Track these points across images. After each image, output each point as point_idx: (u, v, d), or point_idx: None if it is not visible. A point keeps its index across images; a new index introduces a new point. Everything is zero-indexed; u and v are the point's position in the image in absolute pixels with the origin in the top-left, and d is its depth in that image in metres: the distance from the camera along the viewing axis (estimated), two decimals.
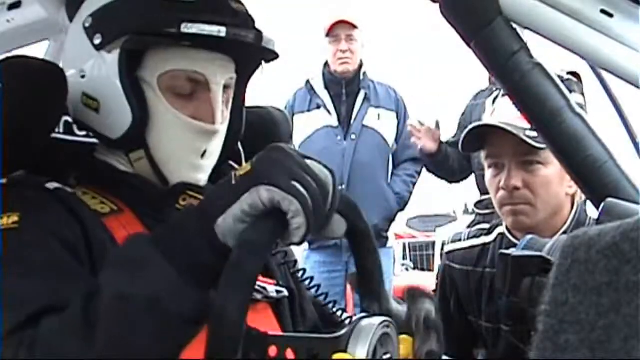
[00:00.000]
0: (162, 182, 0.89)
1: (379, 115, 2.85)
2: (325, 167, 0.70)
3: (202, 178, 0.91)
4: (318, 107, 2.86)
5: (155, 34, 0.83)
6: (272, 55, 0.92)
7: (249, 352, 0.69)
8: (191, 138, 0.87)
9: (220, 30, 0.81)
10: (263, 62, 0.95)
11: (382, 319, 0.72)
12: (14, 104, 0.86)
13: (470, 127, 1.41)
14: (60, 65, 0.95)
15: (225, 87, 0.90)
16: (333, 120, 2.83)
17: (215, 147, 0.90)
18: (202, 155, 0.88)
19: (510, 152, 1.35)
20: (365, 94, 2.86)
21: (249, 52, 0.90)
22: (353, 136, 2.81)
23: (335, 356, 0.66)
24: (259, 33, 0.86)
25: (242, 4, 0.89)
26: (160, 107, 0.86)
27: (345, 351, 0.68)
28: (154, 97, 0.86)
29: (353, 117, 2.84)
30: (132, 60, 0.84)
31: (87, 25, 0.88)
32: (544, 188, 1.34)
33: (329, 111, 2.84)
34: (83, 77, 0.88)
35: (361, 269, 0.82)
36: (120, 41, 0.83)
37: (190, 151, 0.88)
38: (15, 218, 0.75)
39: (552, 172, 1.33)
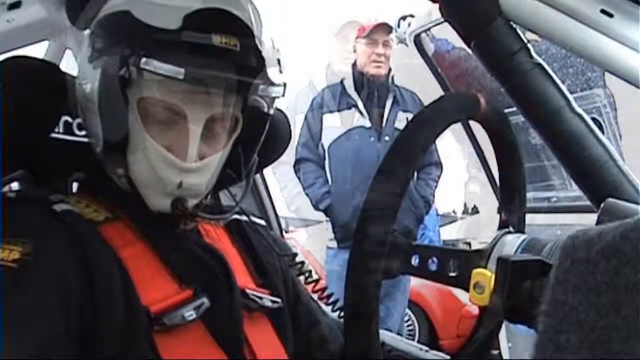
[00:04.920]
0: (141, 203, 0.85)
1: (407, 119, 2.87)
2: None
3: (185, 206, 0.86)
4: (349, 107, 2.88)
5: (122, 62, 0.79)
6: (264, 97, 0.87)
7: (393, 259, 0.72)
8: (164, 170, 0.82)
9: (178, 72, 0.76)
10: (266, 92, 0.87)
11: (523, 236, 0.74)
12: (13, 104, 0.86)
13: None
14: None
15: (215, 119, 0.84)
16: (365, 121, 2.85)
17: (195, 181, 0.84)
18: (179, 187, 0.83)
19: None
20: (394, 97, 2.89)
21: (237, 90, 0.84)
22: (387, 138, 2.82)
23: (475, 271, 0.68)
24: (234, 75, 0.80)
25: (235, 38, 0.80)
26: (137, 130, 0.82)
27: (485, 267, 0.70)
28: (133, 119, 0.82)
29: (384, 119, 2.86)
30: (119, 79, 0.80)
31: (89, 33, 0.86)
32: None
33: (361, 112, 2.86)
34: (80, 84, 0.86)
35: (505, 180, 0.86)
36: (101, 60, 0.81)
37: (164, 182, 0.83)
38: (16, 255, 0.72)
39: None
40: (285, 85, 0.87)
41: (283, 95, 0.88)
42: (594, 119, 1.65)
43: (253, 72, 0.83)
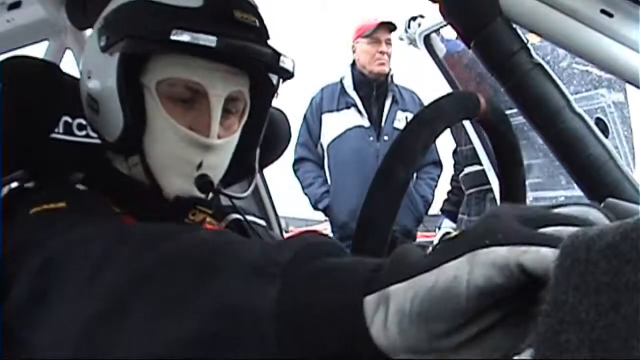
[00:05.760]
0: (157, 191, 0.85)
1: (406, 118, 2.86)
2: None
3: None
4: (348, 107, 2.88)
5: (149, 39, 0.80)
6: (282, 72, 0.88)
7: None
8: (185, 149, 0.83)
9: (211, 40, 0.77)
10: (276, 79, 0.91)
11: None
12: (13, 104, 0.86)
13: None
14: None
15: (233, 99, 0.86)
16: (364, 121, 2.84)
17: (214, 161, 0.86)
18: (199, 168, 0.84)
19: None
20: (393, 96, 2.89)
21: (257, 65, 0.86)
22: (386, 137, 2.82)
23: None
24: (259, 47, 0.83)
25: (254, 16, 0.85)
26: (156, 114, 0.83)
27: None
28: (152, 104, 0.83)
29: (383, 119, 2.86)
30: (135, 65, 0.83)
31: (98, 26, 0.87)
32: None
33: (360, 111, 2.86)
34: (89, 77, 0.87)
35: (506, 181, 0.86)
36: (120, 44, 0.82)
37: (184, 162, 0.84)
38: (62, 204, 0.75)
39: None
40: (293, 61, 0.88)
41: (293, 74, 0.89)
42: (598, 119, 1.65)
43: (269, 45, 0.85)
